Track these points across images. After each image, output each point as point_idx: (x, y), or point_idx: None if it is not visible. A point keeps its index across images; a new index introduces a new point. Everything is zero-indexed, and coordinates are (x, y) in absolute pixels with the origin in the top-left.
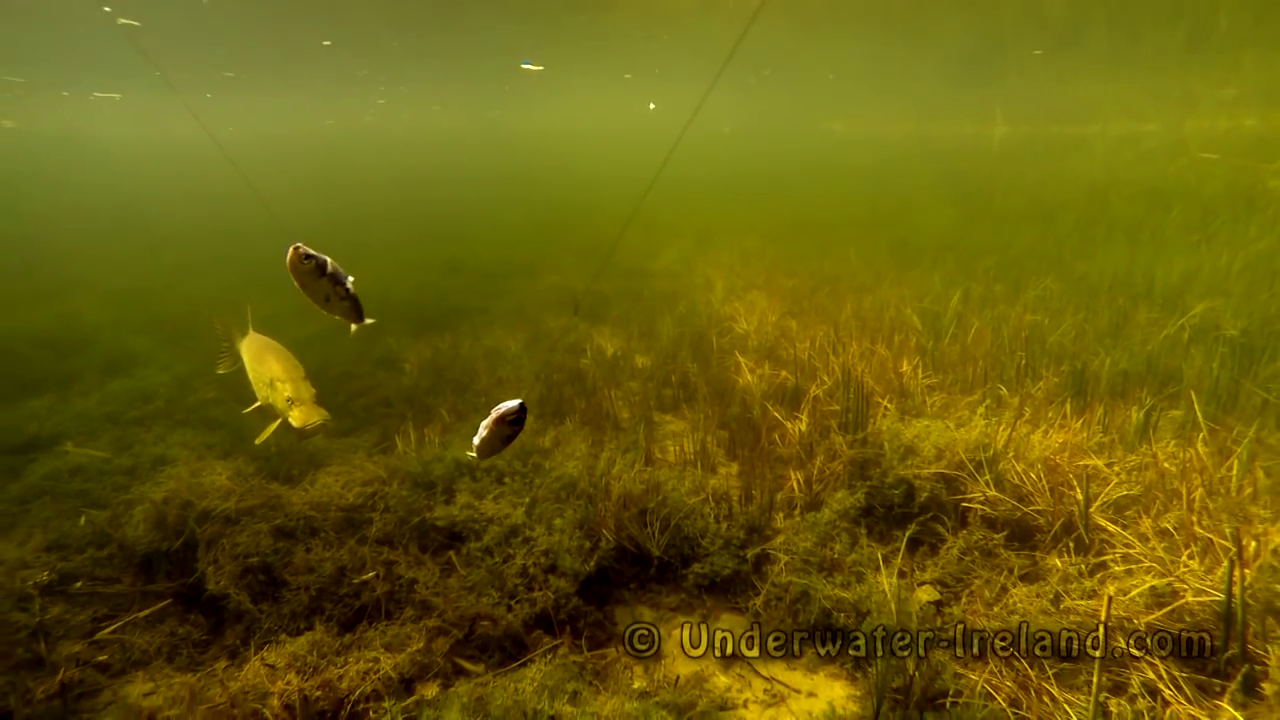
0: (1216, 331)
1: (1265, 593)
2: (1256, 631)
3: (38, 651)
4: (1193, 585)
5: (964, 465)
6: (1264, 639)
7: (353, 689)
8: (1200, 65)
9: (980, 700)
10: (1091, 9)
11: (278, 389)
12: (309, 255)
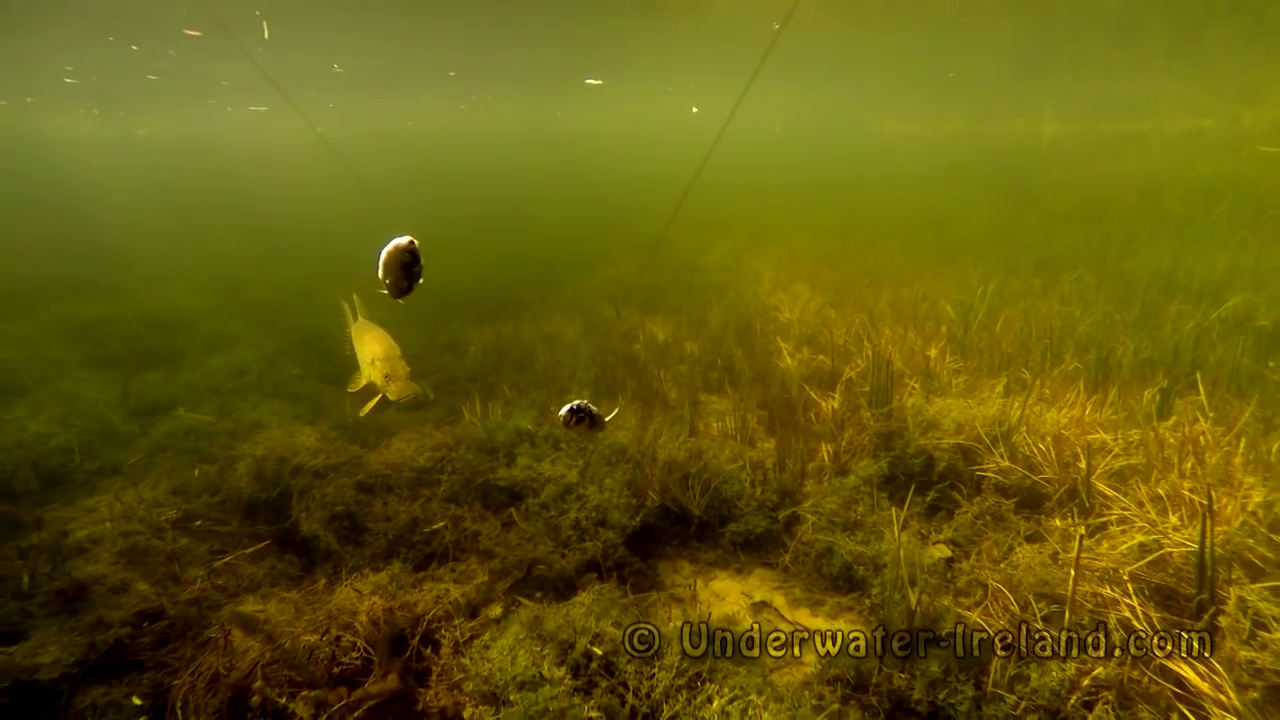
0: (1249, 323)
1: (1238, 545)
2: (1225, 579)
3: (173, 571)
4: (1173, 540)
5: (980, 438)
6: (1230, 583)
7: (427, 610)
8: (1262, 57)
9: (975, 632)
10: (1147, 2)
11: (378, 367)
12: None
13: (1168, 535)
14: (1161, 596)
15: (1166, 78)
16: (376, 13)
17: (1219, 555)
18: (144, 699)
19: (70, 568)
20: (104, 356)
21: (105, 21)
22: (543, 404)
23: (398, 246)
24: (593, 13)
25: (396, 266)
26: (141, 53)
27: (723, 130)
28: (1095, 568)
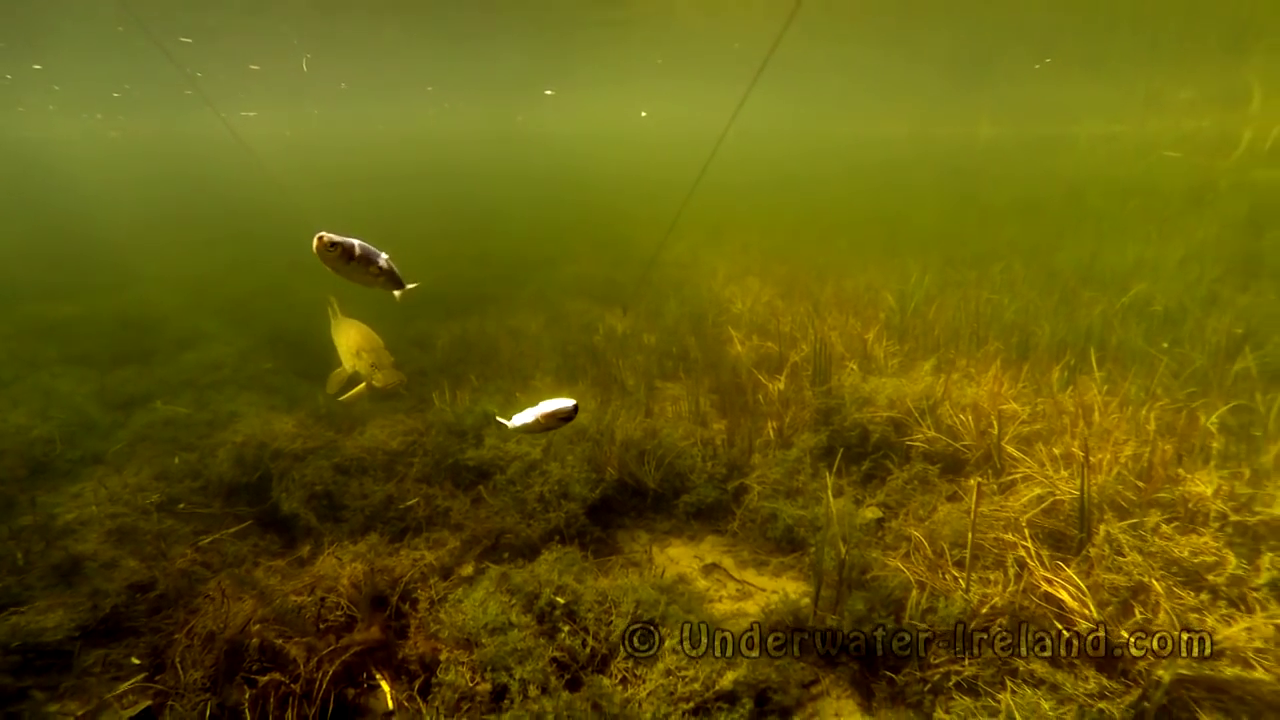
0: (1147, 308)
1: (1111, 492)
2: (1100, 519)
3: (160, 549)
4: (1063, 491)
5: (911, 412)
6: (1102, 521)
7: (404, 574)
8: (1163, 70)
9: (895, 576)
10: (1066, 17)
11: (363, 358)
12: (335, 242)
13: (1059, 487)
14: (1053, 538)
15: (1086, 85)
16: (355, 26)
17: (1096, 500)
18: (142, 659)
19: (62, 546)
20: (78, 354)
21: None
22: (508, 391)
23: (319, 245)
24: (551, 28)
25: (341, 264)
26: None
27: (723, 135)
28: (1001, 518)
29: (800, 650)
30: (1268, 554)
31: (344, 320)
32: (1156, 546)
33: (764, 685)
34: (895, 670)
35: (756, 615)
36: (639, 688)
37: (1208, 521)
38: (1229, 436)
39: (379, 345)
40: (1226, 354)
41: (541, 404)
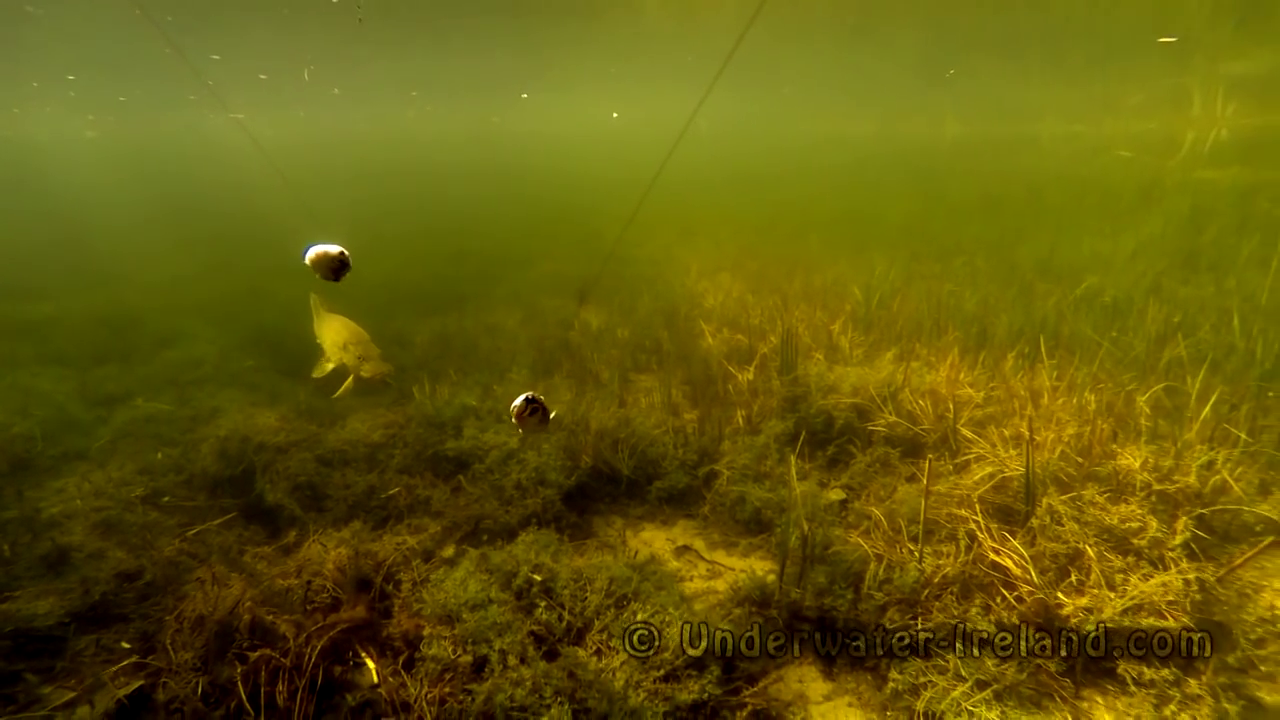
0: (1097, 299)
1: (1055, 468)
2: (1043, 493)
3: (146, 539)
4: (1011, 469)
5: (873, 399)
6: (1045, 495)
7: (387, 557)
8: (1116, 73)
9: (855, 551)
10: (1024, 20)
11: (350, 350)
12: (344, 262)
13: (1008, 465)
14: (1002, 512)
15: (1047, 87)
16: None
17: (1040, 476)
18: (132, 643)
19: (49, 537)
20: (56, 353)
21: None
22: (486, 384)
23: (327, 254)
24: (526, 32)
25: (325, 269)
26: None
27: (681, 134)
28: (955, 495)
29: (765, 622)
30: (1183, 518)
31: (327, 316)
32: (1091, 516)
33: (731, 653)
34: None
35: (726, 593)
36: (613, 658)
37: (1135, 492)
38: (1160, 416)
39: (365, 338)
40: (1162, 341)
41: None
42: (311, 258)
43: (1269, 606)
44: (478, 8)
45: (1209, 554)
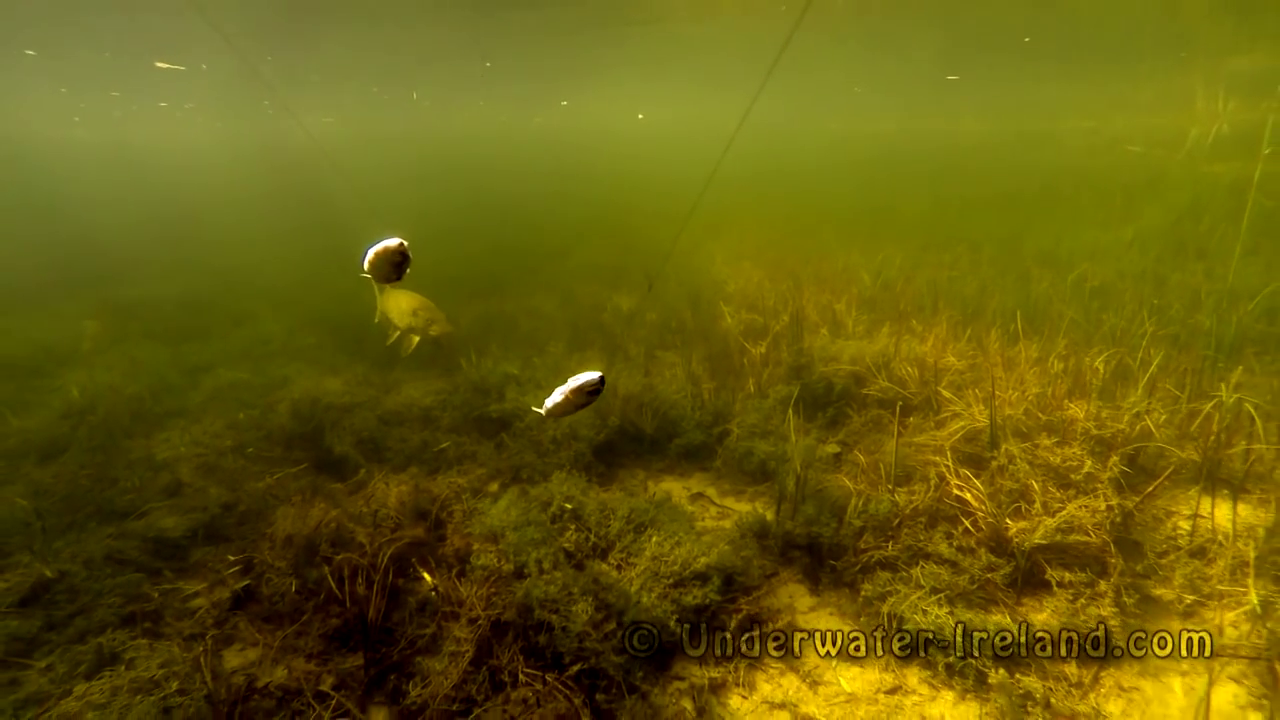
0: (1085, 283)
1: (1017, 421)
2: (1005, 442)
3: (239, 480)
4: (982, 422)
5: (869, 367)
6: (1005, 443)
7: (441, 494)
8: (1128, 71)
9: (841, 490)
10: (1038, 20)
11: (419, 315)
12: (405, 253)
13: (978, 420)
14: (971, 460)
15: (1063, 84)
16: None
17: (1004, 428)
18: (235, 556)
19: (167, 472)
20: (149, 330)
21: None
22: (526, 356)
23: (387, 248)
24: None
25: (386, 265)
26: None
27: (734, 135)
28: (931, 445)
29: (763, 551)
30: (1114, 456)
31: (391, 290)
32: (1041, 458)
33: (731, 570)
34: (836, 559)
35: (732, 529)
36: (630, 570)
37: (1077, 437)
38: (1115, 380)
39: (430, 304)
40: (1136, 319)
41: (570, 381)
42: (371, 259)
43: (1174, 528)
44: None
45: (1136, 489)
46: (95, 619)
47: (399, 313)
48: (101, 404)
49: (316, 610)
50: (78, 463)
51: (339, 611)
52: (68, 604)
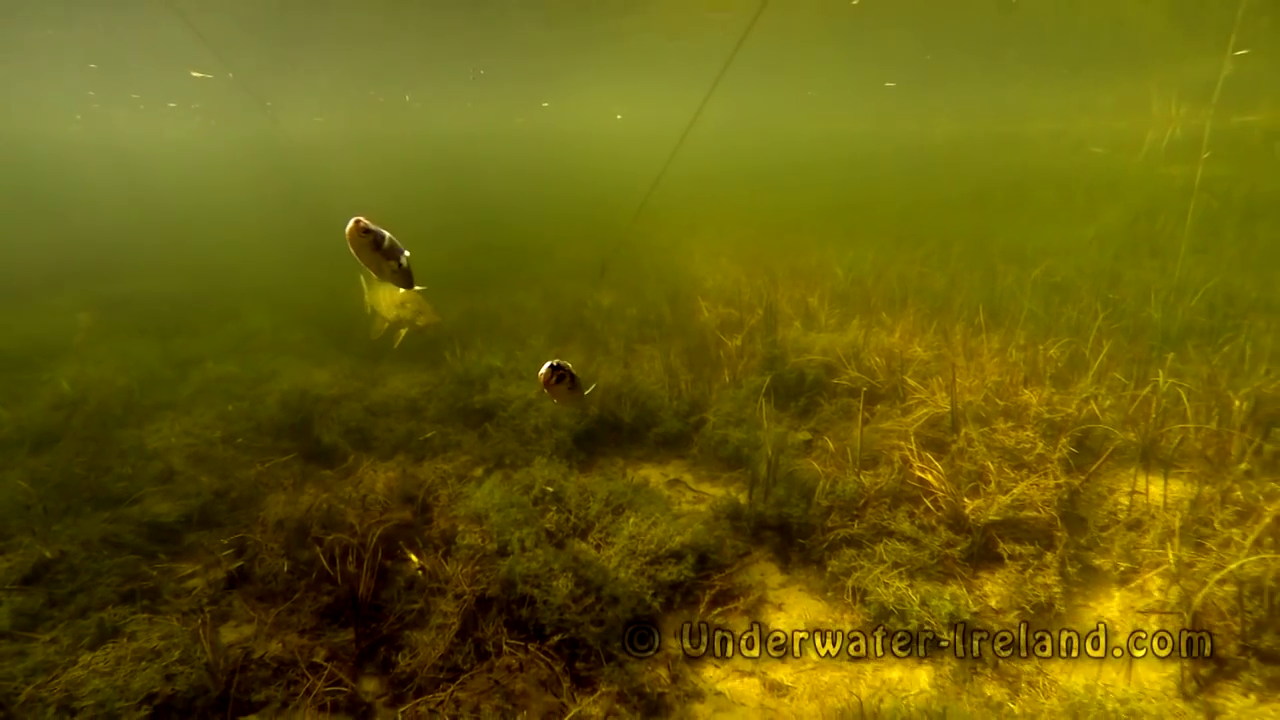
0: (1047, 279)
1: (976, 407)
2: (965, 426)
3: (230, 469)
4: (945, 408)
5: (839, 358)
6: (969, 427)
7: (427, 479)
8: (1090, 76)
9: (810, 473)
10: (1006, 27)
11: (407, 306)
12: (368, 229)
13: (941, 407)
14: (934, 444)
15: (1031, 88)
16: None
17: (964, 414)
18: (229, 540)
19: (159, 460)
20: (138, 325)
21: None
22: (509, 350)
23: (350, 231)
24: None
25: (367, 249)
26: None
27: (685, 132)
28: (897, 431)
29: (736, 532)
30: (1063, 439)
31: (379, 284)
32: (997, 441)
33: (705, 549)
34: (805, 538)
35: (707, 512)
36: (609, 549)
37: (1030, 420)
38: (1068, 369)
39: (417, 296)
40: (1092, 312)
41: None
42: (354, 248)
43: (1115, 504)
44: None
45: (1083, 468)
46: (96, 596)
47: (388, 305)
48: (93, 395)
49: (308, 589)
50: (71, 451)
51: (330, 589)
52: (68, 582)
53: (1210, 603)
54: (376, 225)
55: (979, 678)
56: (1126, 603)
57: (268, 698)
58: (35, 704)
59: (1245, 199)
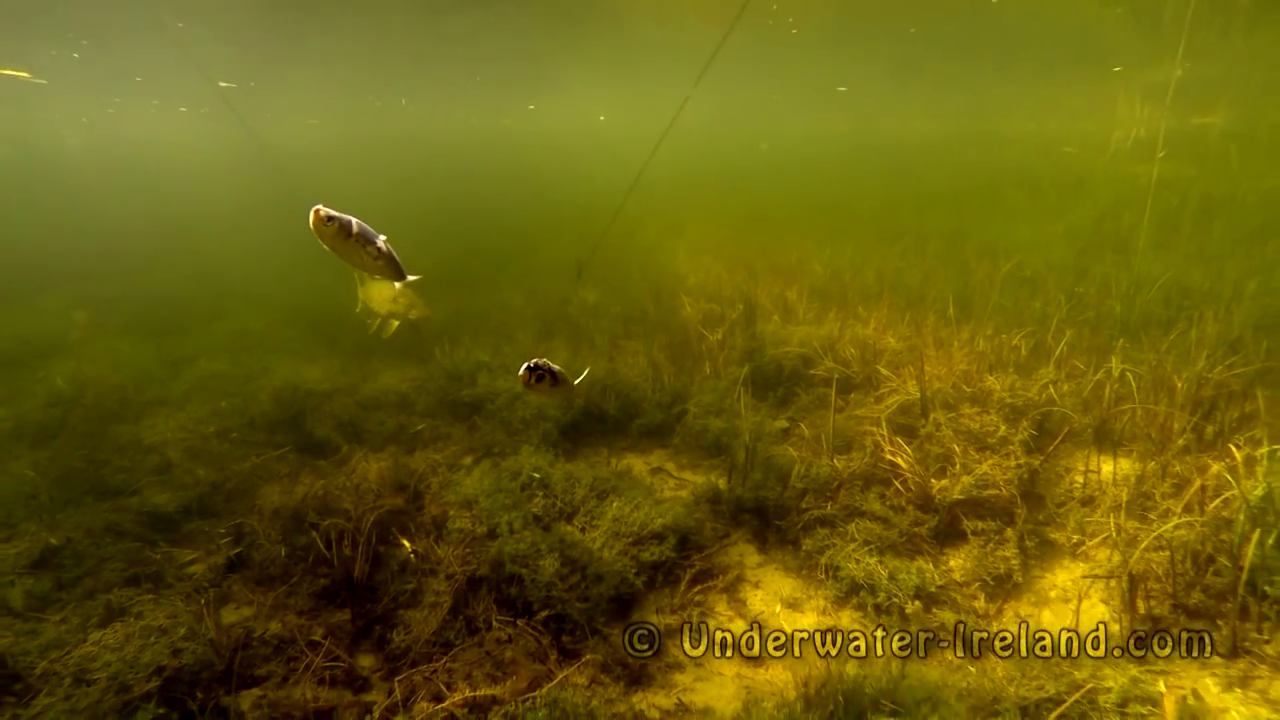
0: (1018, 273)
1: (945, 394)
2: (934, 412)
3: (226, 462)
4: (913, 395)
5: (816, 350)
6: (937, 412)
7: (419, 469)
8: (1061, 78)
9: (787, 458)
10: (979, 29)
11: (400, 301)
12: (331, 217)
13: (912, 394)
14: (905, 429)
15: (1006, 89)
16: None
17: (933, 400)
18: (226, 530)
19: (156, 454)
20: (129, 324)
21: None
22: (496, 345)
23: (312, 222)
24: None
25: (338, 239)
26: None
27: (665, 132)
28: (869, 417)
29: (715, 515)
30: (1023, 422)
31: (371, 282)
32: (963, 426)
33: (685, 531)
34: (781, 519)
35: (688, 498)
36: (594, 531)
37: (994, 405)
38: (1032, 356)
39: (409, 291)
40: (1057, 304)
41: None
42: (325, 240)
43: (1071, 482)
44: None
45: (1043, 449)
46: (101, 579)
47: (380, 300)
48: (89, 392)
49: (305, 572)
50: (70, 446)
51: (326, 572)
52: (74, 567)
53: (1149, 567)
54: (340, 212)
55: (943, 644)
56: (1077, 572)
57: (269, 673)
58: (51, 676)
59: (1202, 197)
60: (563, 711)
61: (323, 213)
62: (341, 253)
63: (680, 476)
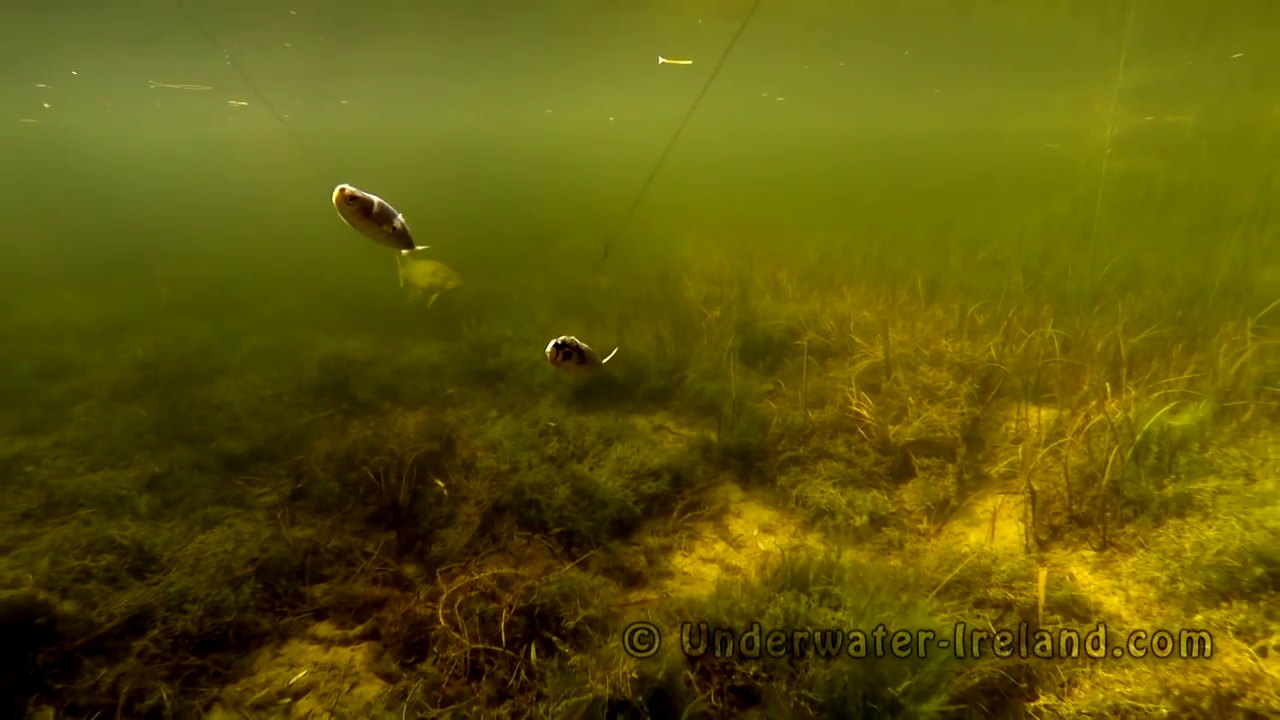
0: (993, 258)
1: (909, 356)
2: (895, 372)
3: (283, 419)
4: (880, 358)
5: (802, 323)
6: (898, 371)
7: (450, 422)
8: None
9: (767, 410)
10: (967, 32)
11: (439, 274)
12: (354, 196)
13: (878, 357)
14: (872, 388)
15: (996, 87)
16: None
17: (897, 362)
18: (286, 471)
19: (224, 411)
20: (185, 306)
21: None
22: (518, 322)
23: (336, 201)
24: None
25: (359, 217)
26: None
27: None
28: (842, 378)
29: (706, 460)
30: (968, 378)
31: (410, 260)
32: (919, 382)
33: (679, 470)
34: (761, 461)
35: (684, 447)
36: (600, 470)
37: (946, 364)
38: (989, 326)
39: (446, 266)
40: (1017, 283)
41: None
42: (346, 218)
43: (1006, 428)
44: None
45: (985, 401)
46: (199, 499)
47: (421, 274)
48: (164, 361)
49: (357, 501)
50: (157, 402)
51: (375, 500)
52: (176, 489)
53: (1051, 487)
54: (364, 192)
55: (893, 550)
56: (1001, 497)
57: (332, 573)
58: (174, 562)
59: (1166, 188)
60: (571, 588)
61: (348, 191)
62: (360, 228)
63: (679, 432)
